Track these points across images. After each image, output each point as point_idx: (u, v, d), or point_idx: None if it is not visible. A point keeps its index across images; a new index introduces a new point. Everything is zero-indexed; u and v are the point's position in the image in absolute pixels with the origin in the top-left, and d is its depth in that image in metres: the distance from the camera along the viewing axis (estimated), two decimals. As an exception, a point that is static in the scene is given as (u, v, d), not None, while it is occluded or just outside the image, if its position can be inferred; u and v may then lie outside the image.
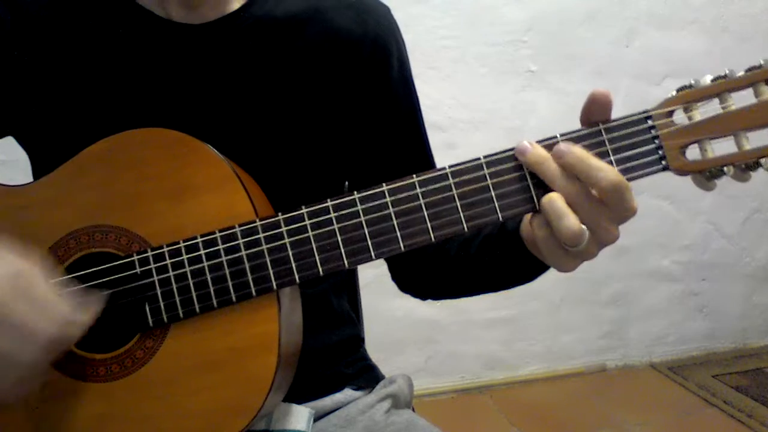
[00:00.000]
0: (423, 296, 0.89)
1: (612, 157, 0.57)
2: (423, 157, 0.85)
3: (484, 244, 0.74)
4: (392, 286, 0.90)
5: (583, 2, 2.24)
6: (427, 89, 2.09)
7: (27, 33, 0.73)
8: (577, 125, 0.59)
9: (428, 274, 0.84)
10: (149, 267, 0.62)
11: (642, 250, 2.41)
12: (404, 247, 0.59)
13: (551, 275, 0.67)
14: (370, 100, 0.79)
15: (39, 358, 0.55)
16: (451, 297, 0.88)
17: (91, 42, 0.73)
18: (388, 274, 0.90)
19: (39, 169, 0.79)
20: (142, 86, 0.73)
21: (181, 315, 0.61)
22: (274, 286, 0.60)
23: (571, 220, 0.55)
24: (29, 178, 0.71)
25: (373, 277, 0.87)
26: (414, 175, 0.59)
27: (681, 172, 0.57)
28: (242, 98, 0.74)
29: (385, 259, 0.75)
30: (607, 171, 0.54)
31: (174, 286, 0.61)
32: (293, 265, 0.60)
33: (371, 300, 1.15)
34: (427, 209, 0.59)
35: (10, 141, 0.79)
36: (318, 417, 0.81)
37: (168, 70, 0.73)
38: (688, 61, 2.30)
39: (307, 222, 0.60)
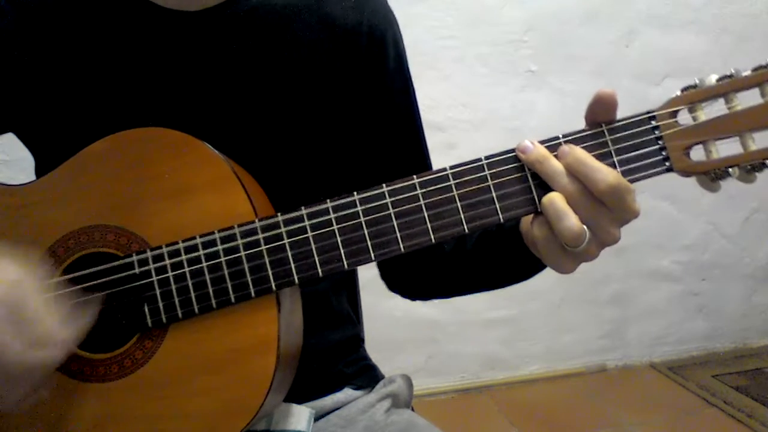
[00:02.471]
0: (412, 295, 0.88)
1: (615, 158, 0.56)
2: (418, 153, 0.84)
3: (482, 240, 0.73)
4: (392, 286, 0.90)
5: (583, 2, 2.24)
6: (427, 89, 2.09)
7: (28, 28, 0.72)
8: (577, 125, 0.59)
9: (422, 271, 0.83)
10: (148, 267, 0.61)
11: (642, 250, 2.41)
12: (404, 248, 0.59)
13: (551, 275, 0.67)
14: (366, 90, 0.78)
15: (35, 377, 0.56)
16: (442, 296, 0.87)
17: (90, 36, 0.72)
18: (388, 275, 0.89)
19: (42, 166, 0.78)
20: (142, 78, 0.72)
21: (180, 315, 0.61)
22: (274, 287, 0.60)
23: (571, 220, 0.54)
24: (30, 178, 0.70)
25: (373, 277, 0.87)
26: (414, 176, 0.59)
27: (685, 173, 0.56)
28: (238, 88, 0.73)
29: None
30: (605, 173, 0.54)
31: (173, 286, 0.61)
32: (292, 266, 0.59)
33: (371, 300, 1.15)
34: (427, 210, 0.58)
35: (11, 140, 0.78)
36: (318, 417, 0.80)
37: (167, 60, 0.72)
38: (688, 61, 2.30)
39: (307, 223, 0.59)
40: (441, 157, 0.72)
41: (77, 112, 0.72)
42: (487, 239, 0.73)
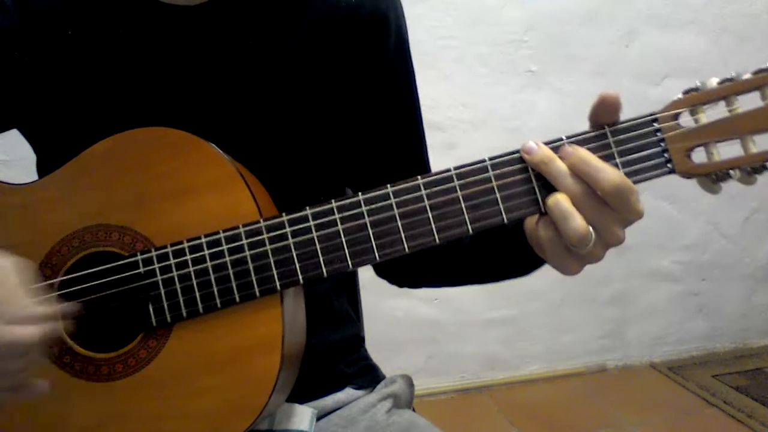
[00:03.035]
0: (401, 283, 0.88)
1: (618, 160, 0.57)
2: (414, 137, 0.82)
3: (481, 236, 0.73)
4: (392, 286, 0.90)
5: (583, 2, 2.24)
6: (427, 89, 2.08)
7: (31, 26, 0.72)
8: (577, 125, 0.59)
9: (414, 261, 0.83)
10: (153, 267, 0.61)
11: (642, 250, 2.41)
12: (408, 248, 0.59)
13: (551, 275, 0.67)
14: (366, 71, 0.77)
15: None
16: (432, 286, 0.86)
17: (93, 34, 0.72)
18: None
19: (45, 164, 0.78)
20: (145, 75, 0.72)
21: (185, 315, 0.61)
22: (278, 287, 0.60)
23: (577, 221, 0.54)
24: (31, 178, 0.70)
25: (373, 277, 0.87)
26: (419, 177, 0.59)
27: (687, 175, 0.57)
28: (241, 82, 0.73)
29: None
30: (609, 172, 0.54)
31: (177, 285, 0.61)
32: (297, 266, 0.60)
33: (371, 300, 1.15)
34: (431, 211, 0.59)
35: (12, 140, 0.78)
36: (319, 417, 0.81)
37: (170, 58, 0.72)
38: (688, 61, 2.30)
39: (312, 223, 0.60)
40: (441, 157, 0.72)
41: (79, 110, 0.73)
42: (486, 235, 0.73)
